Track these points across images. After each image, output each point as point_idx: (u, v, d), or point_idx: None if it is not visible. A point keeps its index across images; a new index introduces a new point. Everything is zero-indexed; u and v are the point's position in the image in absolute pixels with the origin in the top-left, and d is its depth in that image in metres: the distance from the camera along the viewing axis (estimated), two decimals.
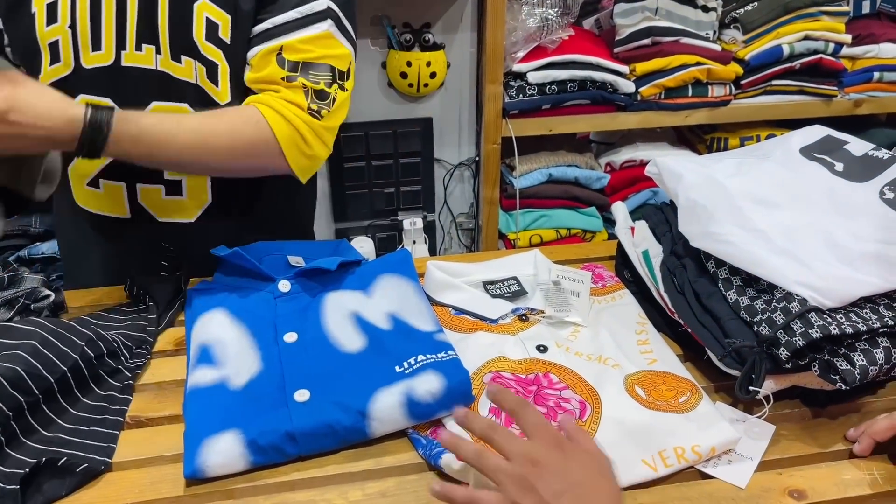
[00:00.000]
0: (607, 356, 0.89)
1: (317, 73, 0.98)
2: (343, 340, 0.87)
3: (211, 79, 0.99)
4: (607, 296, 1.00)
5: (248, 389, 0.82)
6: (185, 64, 0.98)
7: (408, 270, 0.98)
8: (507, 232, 2.02)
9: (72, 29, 0.96)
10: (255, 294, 0.96)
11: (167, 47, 0.97)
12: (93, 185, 1.06)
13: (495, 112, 1.83)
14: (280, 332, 0.89)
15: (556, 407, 0.80)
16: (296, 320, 0.91)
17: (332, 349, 0.86)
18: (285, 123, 0.96)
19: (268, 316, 0.92)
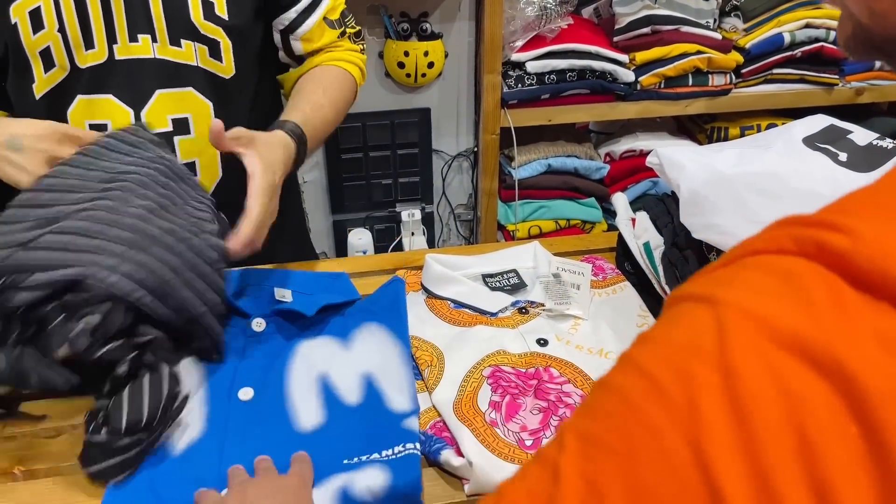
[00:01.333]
0: (609, 350, 0.87)
1: (346, 19, 1.13)
2: (301, 411, 0.79)
3: (214, 57, 1.00)
4: (608, 288, 0.99)
5: (183, 458, 0.74)
6: (186, 48, 0.98)
7: (397, 316, 0.91)
8: (506, 223, 2.01)
9: (61, 32, 0.95)
10: (228, 332, 0.88)
11: (164, 34, 0.97)
12: None
13: (494, 102, 1.81)
14: (237, 384, 0.81)
15: (556, 401, 0.79)
16: (258, 371, 0.83)
17: (286, 421, 0.78)
18: (360, 72, 1.13)
19: (230, 363, 0.84)
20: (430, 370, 0.85)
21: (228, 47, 1.01)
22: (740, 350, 0.31)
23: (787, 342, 0.30)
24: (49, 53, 0.96)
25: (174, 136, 1.02)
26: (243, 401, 0.79)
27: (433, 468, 0.76)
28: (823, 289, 0.31)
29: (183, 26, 0.97)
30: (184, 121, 1.02)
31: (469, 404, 0.79)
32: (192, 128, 1.03)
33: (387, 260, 1.13)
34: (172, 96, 1.00)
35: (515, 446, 0.74)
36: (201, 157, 1.05)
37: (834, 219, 0.33)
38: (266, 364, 0.84)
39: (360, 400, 0.81)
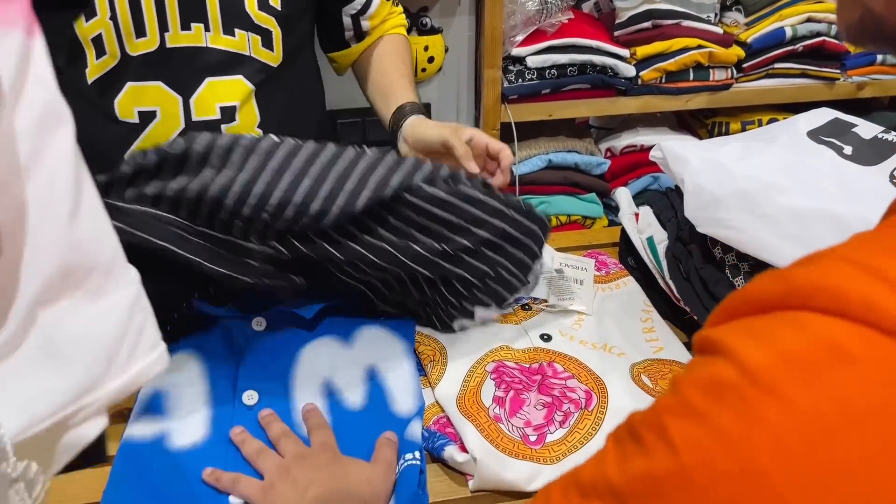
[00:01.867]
0: (612, 345, 0.87)
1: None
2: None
3: (266, 46, 1.02)
4: (611, 283, 0.99)
5: (187, 457, 0.73)
6: (239, 37, 1.00)
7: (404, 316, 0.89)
8: None
9: (113, 20, 0.96)
10: (228, 330, 0.86)
11: (218, 23, 0.99)
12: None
13: (494, 97, 1.80)
14: (240, 387, 0.80)
15: (561, 396, 0.78)
16: (261, 372, 0.82)
17: (292, 425, 0.76)
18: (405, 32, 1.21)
19: (232, 363, 0.83)
20: (433, 365, 0.84)
21: (279, 36, 1.03)
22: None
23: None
24: (101, 41, 0.97)
25: (221, 123, 1.03)
26: (248, 406, 0.78)
27: (437, 464, 0.75)
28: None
29: (237, 16, 0.99)
30: (231, 109, 1.03)
31: (472, 399, 0.79)
32: (238, 115, 1.05)
33: None
34: (222, 84, 1.02)
35: (520, 441, 0.74)
36: (242, 104, 1.06)
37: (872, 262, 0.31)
38: (268, 365, 0.83)
39: (364, 402, 0.80)
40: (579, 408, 0.77)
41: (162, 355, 0.46)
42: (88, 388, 0.40)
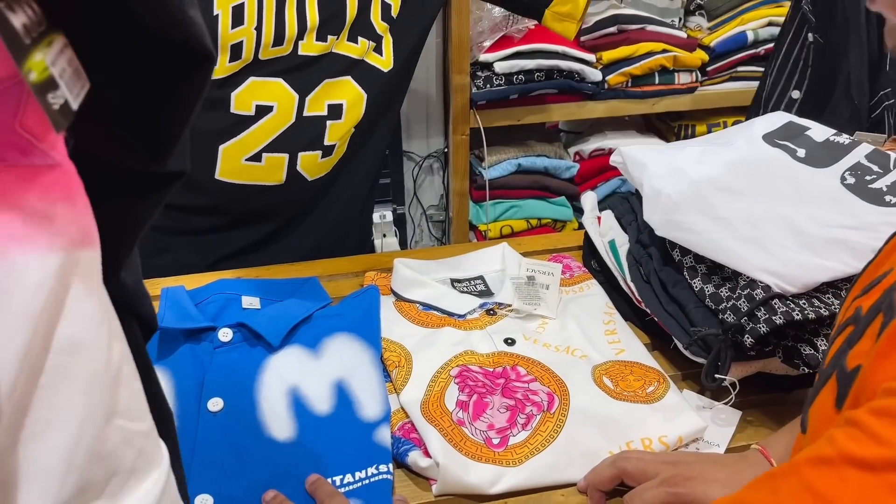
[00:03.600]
0: (575, 347, 0.88)
1: None
2: (272, 423, 0.78)
3: (376, 51, 1.07)
4: (575, 286, 1.00)
5: None
6: (361, 44, 1.05)
7: (370, 326, 0.90)
8: (478, 223, 2.01)
9: (257, 30, 0.99)
10: (195, 344, 0.86)
11: (346, 31, 1.04)
12: (254, 159, 1.08)
13: (463, 103, 1.82)
14: (205, 394, 0.80)
15: (524, 399, 0.79)
16: (227, 381, 0.82)
17: (258, 433, 0.76)
18: None
19: (198, 373, 0.82)
20: (399, 371, 0.85)
21: (389, 43, 1.08)
22: None
23: None
24: (239, 48, 1.00)
25: (327, 120, 1.08)
26: (212, 412, 0.78)
27: (401, 469, 0.76)
28: None
29: (364, 25, 1.04)
30: (338, 107, 1.08)
31: (436, 404, 0.79)
32: (344, 114, 1.09)
33: (356, 262, 1.13)
34: (335, 84, 1.06)
35: (483, 445, 0.75)
36: (341, 139, 1.11)
37: None
38: (234, 375, 0.83)
39: (331, 409, 0.80)
40: (541, 410, 0.78)
41: None
42: None
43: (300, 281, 1.00)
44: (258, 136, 1.07)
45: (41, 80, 0.28)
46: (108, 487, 0.37)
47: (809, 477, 0.36)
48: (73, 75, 0.30)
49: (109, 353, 0.36)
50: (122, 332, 0.37)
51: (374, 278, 1.03)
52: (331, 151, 1.13)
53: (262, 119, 1.06)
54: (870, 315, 0.43)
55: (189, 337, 0.87)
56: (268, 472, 0.73)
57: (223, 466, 0.73)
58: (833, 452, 0.36)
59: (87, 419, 0.35)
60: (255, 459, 0.74)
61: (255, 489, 0.71)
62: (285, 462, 0.74)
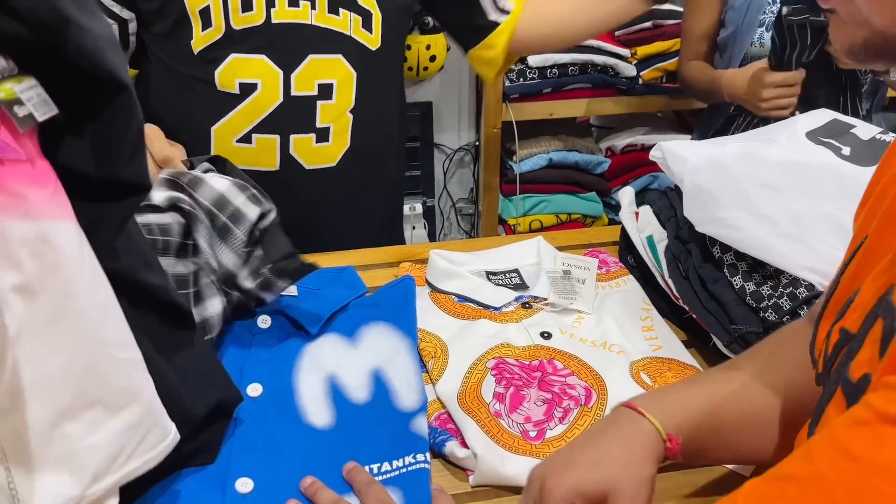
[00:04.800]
0: (612, 342, 0.88)
1: None
2: (310, 410, 0.78)
3: (366, 28, 1.05)
4: (611, 281, 1.00)
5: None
6: (343, 16, 1.03)
7: (406, 316, 0.90)
8: (507, 217, 2.01)
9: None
10: (235, 329, 0.87)
11: (324, 2, 1.02)
12: (244, 140, 1.07)
13: (495, 96, 1.81)
14: (245, 380, 0.80)
15: (561, 393, 0.79)
16: (265, 366, 0.82)
17: (296, 419, 0.77)
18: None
19: (237, 359, 0.83)
20: (435, 362, 0.85)
21: (379, 19, 1.05)
22: None
23: None
24: (208, 13, 0.99)
25: (317, 100, 1.06)
26: (252, 397, 0.79)
27: (438, 459, 0.76)
28: None
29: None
30: (328, 86, 1.06)
31: (473, 396, 0.80)
32: (335, 94, 1.07)
33: (390, 253, 1.13)
34: (323, 62, 1.05)
35: (520, 437, 0.75)
36: (336, 122, 1.09)
37: None
38: (272, 361, 0.84)
39: (368, 397, 0.80)
40: (579, 404, 0.78)
41: (165, 450, 0.59)
42: (92, 481, 0.53)
43: (337, 270, 1.00)
44: (246, 116, 1.05)
45: (8, 99, 0.45)
46: (102, 399, 0.53)
47: (845, 440, 0.36)
48: (39, 102, 0.47)
49: (94, 296, 0.52)
50: (105, 280, 0.53)
51: (409, 269, 1.03)
52: (326, 136, 1.09)
53: (248, 98, 1.04)
54: (866, 324, 0.42)
55: (234, 321, 0.88)
56: (306, 458, 0.74)
57: (262, 451, 0.74)
58: (869, 414, 0.35)
59: (80, 345, 0.51)
60: (293, 445, 0.75)
61: (293, 474, 0.72)
62: (323, 449, 0.75)
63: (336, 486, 0.71)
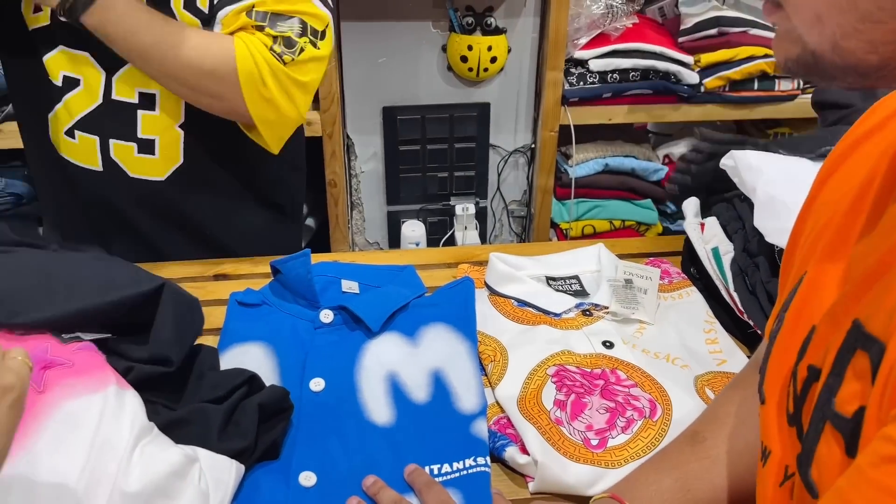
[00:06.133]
0: (675, 355, 0.87)
1: (285, 24, 0.96)
2: (371, 405, 0.79)
3: None
4: (674, 292, 0.98)
5: None
6: None
7: (466, 318, 0.90)
8: (560, 221, 2.00)
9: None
10: (296, 322, 0.89)
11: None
12: (69, 134, 1.05)
13: (554, 99, 1.80)
14: (308, 374, 0.82)
15: (624, 403, 0.78)
16: (328, 361, 0.84)
17: (358, 415, 0.78)
18: (249, 57, 0.94)
19: (300, 352, 0.85)
20: (494, 365, 0.85)
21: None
22: None
23: None
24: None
25: (138, 109, 1.02)
26: (314, 391, 0.80)
27: (497, 463, 0.76)
28: None
29: (163, 10, 0.96)
30: (150, 96, 1.01)
31: (533, 402, 0.79)
32: (158, 105, 1.02)
33: (448, 254, 1.14)
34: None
35: (581, 445, 0.74)
36: (162, 136, 1.04)
37: None
38: (335, 356, 0.85)
39: (428, 398, 0.81)
40: (643, 416, 0.77)
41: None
42: None
43: (397, 268, 1.01)
44: (68, 110, 1.02)
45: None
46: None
47: (879, 478, 0.35)
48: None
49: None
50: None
51: (468, 270, 1.03)
52: (151, 149, 1.04)
53: (70, 92, 1.01)
54: (842, 359, 0.42)
55: (293, 316, 0.89)
56: (367, 455, 0.74)
57: (325, 446, 0.74)
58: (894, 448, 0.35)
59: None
60: (355, 441, 0.75)
61: (355, 470, 0.72)
62: (384, 447, 0.75)
63: (395, 484, 0.71)
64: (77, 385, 0.68)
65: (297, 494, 0.70)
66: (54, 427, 0.66)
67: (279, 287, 0.95)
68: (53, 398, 0.67)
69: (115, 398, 0.68)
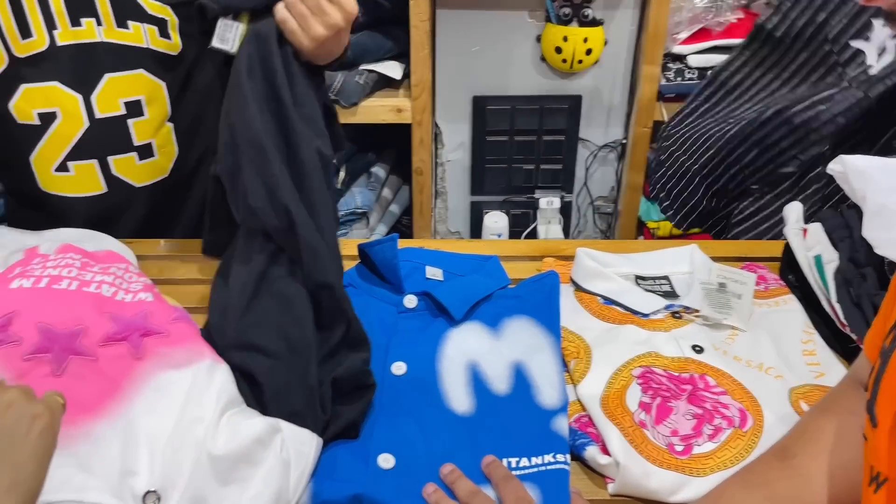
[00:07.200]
0: (769, 365, 0.83)
1: None
2: (451, 392, 0.80)
3: (163, 35, 0.99)
4: (770, 299, 0.94)
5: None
6: (134, 29, 0.97)
7: (550, 313, 0.88)
8: (647, 220, 1.94)
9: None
10: (381, 306, 0.90)
11: (110, 17, 0.96)
12: (61, 169, 1.02)
13: (650, 94, 1.75)
14: (390, 357, 0.83)
15: (713, 410, 0.75)
16: (410, 346, 0.84)
17: (438, 401, 0.79)
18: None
19: (383, 336, 0.85)
20: (577, 363, 0.83)
21: (175, 24, 0.99)
22: None
23: None
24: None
25: (127, 118, 1.00)
26: (396, 375, 0.81)
27: (576, 462, 0.75)
28: None
29: (130, 7, 0.95)
30: (136, 103, 1.00)
31: (617, 402, 0.77)
32: (146, 109, 1.02)
33: (532, 246, 1.12)
34: (123, 79, 0.99)
35: (665, 451, 0.72)
36: (157, 137, 1.04)
37: None
38: (417, 342, 0.85)
39: (508, 389, 0.80)
40: (732, 425, 0.74)
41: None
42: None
43: (482, 258, 1.00)
44: (55, 145, 0.99)
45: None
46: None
47: None
48: None
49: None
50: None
51: (553, 264, 1.02)
52: (150, 152, 1.04)
53: (50, 127, 0.98)
54: None
55: (378, 300, 0.90)
56: (446, 442, 0.74)
57: (404, 430, 0.75)
58: None
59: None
60: (434, 428, 0.76)
61: (433, 457, 0.72)
62: (463, 436, 0.75)
63: (472, 474, 0.71)
64: (172, 355, 0.71)
65: (376, 475, 0.70)
66: (148, 393, 0.69)
67: (365, 270, 0.96)
68: (150, 366, 0.70)
69: (206, 373, 0.70)
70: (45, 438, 0.48)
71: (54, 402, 0.51)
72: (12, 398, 0.48)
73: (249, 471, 0.66)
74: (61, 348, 0.70)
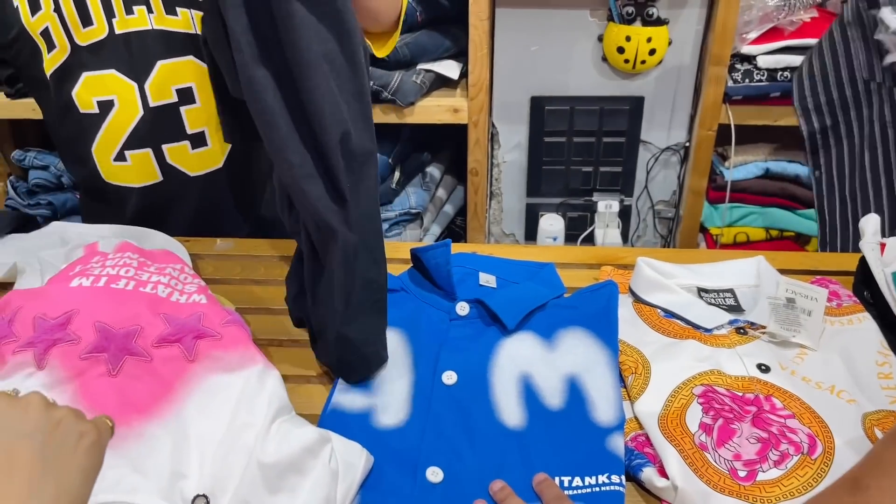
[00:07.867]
0: (840, 388, 0.78)
1: None
2: (503, 405, 0.77)
3: None
4: (843, 317, 0.89)
5: (390, 437, 0.74)
6: (182, 15, 0.99)
7: (607, 325, 0.86)
8: (710, 226, 1.88)
9: (57, 12, 0.97)
10: (433, 312, 0.88)
11: (159, 4, 0.98)
12: (119, 158, 1.05)
13: (715, 96, 1.69)
14: (441, 366, 0.81)
15: (779, 435, 0.72)
16: (461, 355, 0.82)
17: (489, 414, 0.76)
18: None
19: (434, 343, 0.84)
20: (635, 378, 0.80)
21: None
22: None
23: None
24: (49, 34, 0.98)
25: (180, 106, 1.02)
26: (447, 384, 0.79)
27: (631, 483, 0.72)
28: None
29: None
30: (188, 90, 1.02)
31: (676, 422, 0.74)
32: (197, 96, 1.03)
33: (590, 254, 1.09)
34: (174, 66, 1.01)
35: (727, 475, 0.69)
36: (209, 125, 1.05)
37: None
38: (468, 351, 0.83)
39: (562, 404, 0.78)
40: (800, 452, 0.70)
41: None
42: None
43: (537, 265, 0.98)
44: (113, 134, 1.02)
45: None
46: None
47: None
48: None
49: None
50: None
51: (612, 274, 0.99)
52: (203, 141, 1.05)
53: (108, 115, 1.01)
54: None
55: (430, 306, 0.88)
56: (496, 457, 0.72)
57: (453, 442, 0.73)
58: None
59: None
60: (484, 441, 0.74)
61: (483, 471, 0.70)
62: (513, 451, 0.73)
63: (522, 491, 0.69)
64: (224, 358, 0.71)
65: (424, 490, 0.69)
66: (200, 396, 0.69)
67: (418, 275, 0.94)
68: (202, 369, 0.70)
69: (258, 378, 0.70)
70: (91, 454, 0.49)
71: (102, 423, 0.52)
72: (62, 416, 0.49)
73: (298, 480, 0.65)
74: (117, 348, 0.71)
